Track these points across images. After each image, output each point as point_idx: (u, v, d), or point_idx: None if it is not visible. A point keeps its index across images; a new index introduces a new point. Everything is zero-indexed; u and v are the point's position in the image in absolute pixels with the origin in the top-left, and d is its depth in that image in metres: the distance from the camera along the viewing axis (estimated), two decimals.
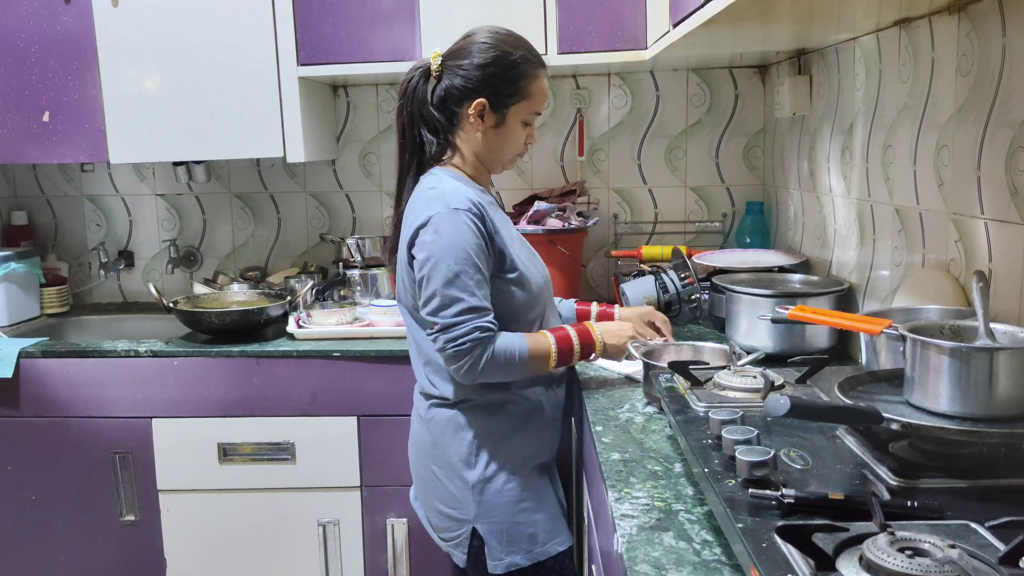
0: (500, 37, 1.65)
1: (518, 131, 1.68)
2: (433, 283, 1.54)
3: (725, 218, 2.80)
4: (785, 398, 1.03)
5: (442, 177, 1.64)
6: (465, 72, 1.62)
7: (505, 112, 1.65)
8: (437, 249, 1.54)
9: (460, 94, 1.63)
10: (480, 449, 1.66)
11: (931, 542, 0.83)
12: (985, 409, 1.07)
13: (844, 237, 2.03)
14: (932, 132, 1.57)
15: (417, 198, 1.64)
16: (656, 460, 1.38)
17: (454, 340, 1.53)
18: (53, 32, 2.48)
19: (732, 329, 1.99)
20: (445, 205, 1.56)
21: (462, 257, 1.54)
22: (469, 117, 1.64)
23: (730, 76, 2.74)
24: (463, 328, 1.53)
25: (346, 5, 2.40)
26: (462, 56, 1.63)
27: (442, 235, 1.54)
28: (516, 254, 1.66)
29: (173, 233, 2.99)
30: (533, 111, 1.68)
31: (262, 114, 2.46)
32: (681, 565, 1.02)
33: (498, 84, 1.62)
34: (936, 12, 1.54)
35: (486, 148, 1.67)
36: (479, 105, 1.63)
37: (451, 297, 1.53)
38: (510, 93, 1.63)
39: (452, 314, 1.53)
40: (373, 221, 2.93)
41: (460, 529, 1.68)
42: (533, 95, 1.66)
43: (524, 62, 1.64)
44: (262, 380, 2.31)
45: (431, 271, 1.55)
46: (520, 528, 1.65)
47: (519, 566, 1.65)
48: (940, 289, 1.51)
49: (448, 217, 1.55)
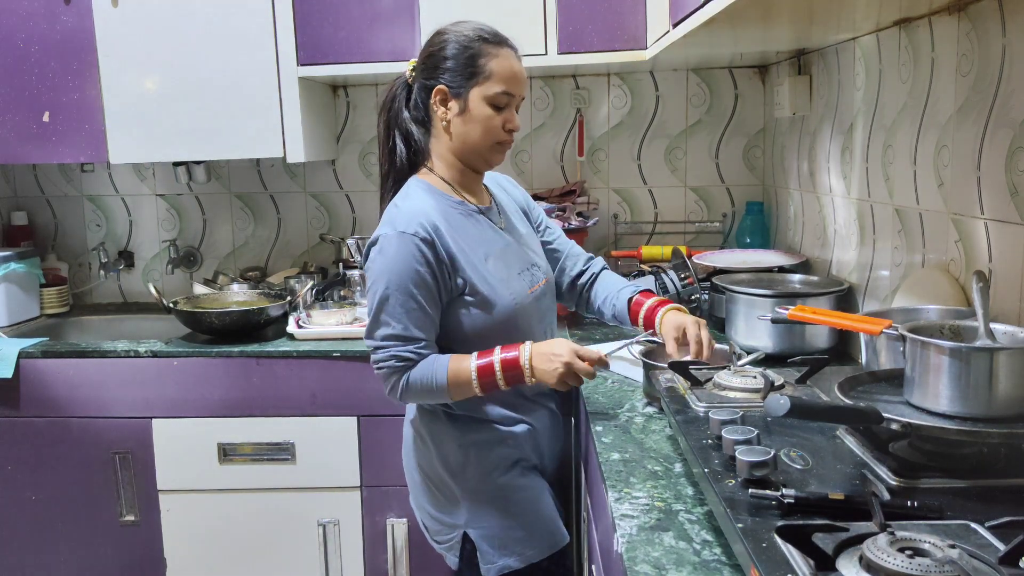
0: (458, 26, 1.61)
1: (486, 114, 1.59)
2: (368, 303, 1.58)
3: (725, 218, 2.80)
4: (785, 398, 1.03)
5: (411, 191, 1.62)
6: (425, 65, 1.62)
7: (466, 95, 1.58)
8: (376, 271, 1.55)
9: (425, 89, 1.62)
10: (467, 456, 1.65)
11: (931, 542, 0.83)
12: (985, 409, 1.07)
13: (844, 237, 2.03)
14: (932, 132, 1.57)
15: (385, 214, 1.63)
16: (656, 460, 1.38)
17: (376, 363, 1.58)
18: (53, 32, 2.48)
19: (732, 329, 1.99)
20: (394, 228, 1.54)
21: (396, 283, 1.53)
22: (435, 110, 1.62)
23: (730, 76, 2.74)
24: (383, 353, 1.56)
25: (346, 5, 2.40)
26: (425, 52, 1.63)
27: (383, 257, 1.55)
28: (483, 275, 1.59)
29: (173, 233, 2.99)
30: (499, 91, 1.58)
31: (262, 114, 2.46)
32: (681, 565, 1.02)
33: (454, 68, 1.58)
34: (936, 12, 1.54)
35: (457, 140, 1.62)
36: (439, 92, 1.59)
37: (379, 321, 1.55)
38: (468, 75, 1.58)
39: (378, 337, 1.56)
40: (373, 221, 2.90)
41: (452, 533, 1.68)
42: (494, 74, 1.58)
43: (478, 41, 1.58)
44: (262, 380, 2.31)
45: (369, 291, 1.58)
46: (511, 532, 1.64)
47: (512, 568, 1.64)
48: (940, 289, 1.51)
49: (393, 241, 1.54)
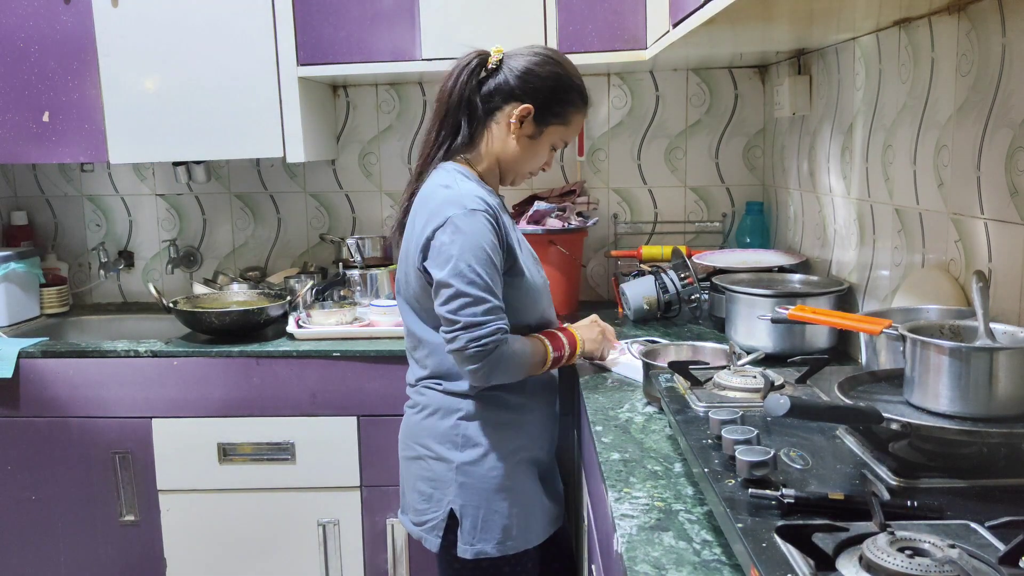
0: (568, 61, 1.71)
1: (544, 151, 1.72)
2: (456, 283, 1.54)
3: (725, 218, 2.80)
4: (785, 398, 1.04)
5: (455, 176, 1.64)
6: (523, 74, 1.64)
7: (544, 128, 1.68)
8: (457, 249, 1.54)
9: (510, 93, 1.65)
10: (469, 432, 1.66)
11: (931, 542, 0.83)
12: (985, 409, 1.07)
13: (844, 237, 2.03)
14: (932, 132, 1.57)
15: (431, 195, 1.63)
16: (656, 460, 1.38)
17: (478, 340, 1.53)
18: (53, 32, 2.48)
19: (732, 329, 1.99)
20: (463, 207, 1.56)
21: (483, 258, 1.54)
22: (509, 118, 1.65)
23: (730, 76, 2.74)
24: (488, 328, 1.53)
25: (346, 5, 2.40)
26: (528, 61, 1.65)
27: (463, 235, 1.55)
28: (524, 258, 1.68)
29: (173, 233, 2.99)
30: (564, 139, 1.73)
31: (262, 114, 2.46)
32: (681, 565, 1.02)
33: (549, 99, 1.65)
34: (936, 12, 1.54)
35: (512, 155, 1.68)
36: (525, 110, 1.64)
37: (475, 297, 1.53)
38: (556, 112, 1.67)
39: (478, 313, 1.53)
40: (373, 221, 2.93)
41: (437, 511, 1.68)
42: (572, 124, 1.71)
43: (578, 92, 1.69)
44: (262, 380, 2.31)
45: (452, 270, 1.54)
46: (496, 517, 1.65)
47: (487, 555, 1.65)
48: (940, 289, 1.51)
49: (467, 218, 1.56)
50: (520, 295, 1.65)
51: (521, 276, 1.65)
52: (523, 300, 1.67)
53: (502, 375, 1.58)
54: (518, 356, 1.59)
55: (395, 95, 2.84)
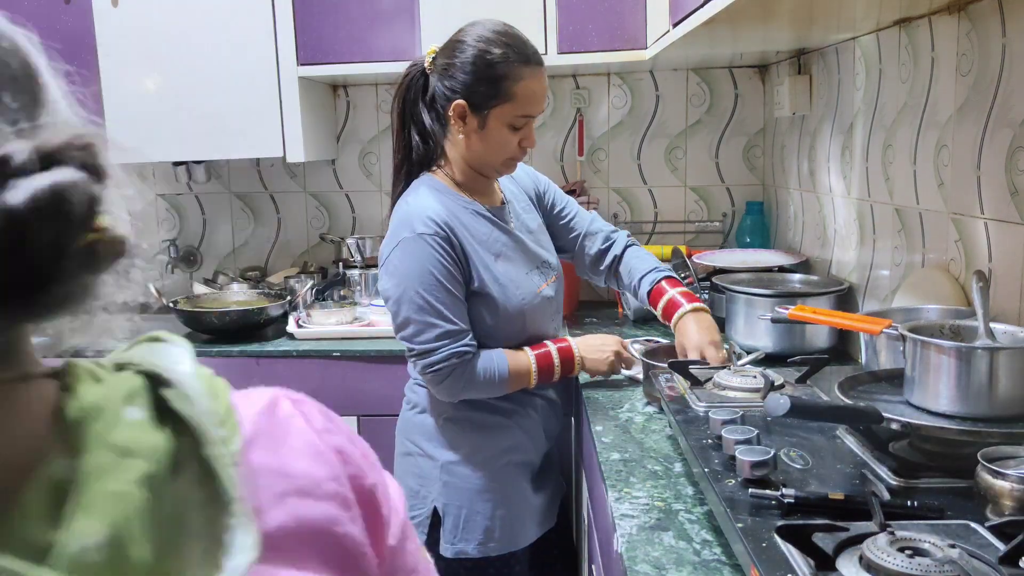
0: (486, 35, 1.56)
1: (503, 135, 1.57)
2: (405, 310, 1.54)
3: (725, 218, 2.80)
4: (785, 398, 1.04)
5: (419, 189, 1.61)
6: (448, 72, 1.56)
7: (486, 114, 1.56)
8: (404, 276, 1.53)
9: (444, 96, 1.58)
10: (456, 432, 1.66)
11: (931, 542, 0.83)
12: (985, 409, 1.07)
13: (844, 237, 2.03)
14: (932, 132, 1.57)
15: (396, 211, 1.62)
16: (656, 460, 1.38)
17: (432, 366, 1.55)
18: (53, 32, 2.48)
19: (732, 329, 1.99)
20: (412, 229, 1.53)
21: (430, 283, 1.52)
22: (451, 119, 1.58)
23: (730, 76, 2.74)
24: (441, 354, 1.54)
25: (346, 5, 2.40)
26: (449, 54, 1.58)
27: (409, 260, 1.53)
28: (494, 275, 1.60)
29: (173, 233, 2.99)
30: (519, 114, 1.56)
31: (262, 114, 2.46)
32: (681, 565, 1.02)
33: (477, 85, 1.54)
34: (936, 12, 1.54)
35: (471, 152, 1.60)
36: (458, 107, 1.56)
37: (425, 323, 1.53)
38: (491, 95, 1.54)
39: (428, 339, 1.54)
40: (373, 221, 2.93)
41: (422, 508, 1.68)
42: (518, 97, 1.54)
43: (505, 61, 1.53)
44: (262, 380, 2.27)
45: (401, 297, 1.54)
46: (477, 518, 1.65)
47: (467, 555, 1.64)
48: (940, 289, 1.51)
49: (413, 243, 1.53)
50: (490, 313, 1.61)
51: (484, 296, 1.59)
52: (496, 318, 1.61)
53: (473, 392, 1.59)
54: (488, 373, 1.58)
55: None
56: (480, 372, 1.57)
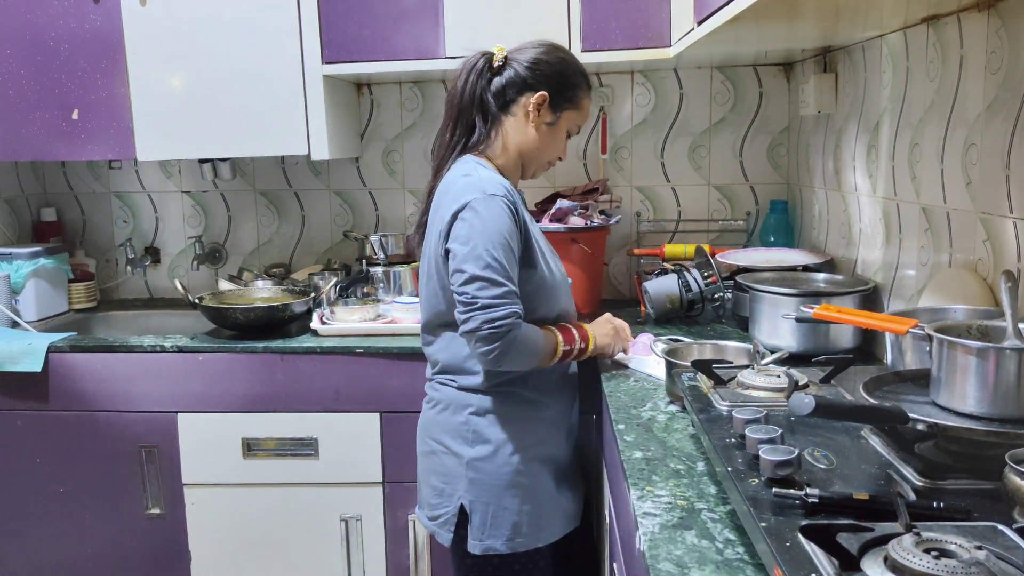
0: (566, 50, 1.77)
1: (561, 137, 1.75)
2: (472, 266, 1.55)
3: (749, 216, 2.79)
4: (810, 397, 1.03)
5: (475, 165, 1.67)
6: (533, 64, 1.69)
7: (560, 114, 1.72)
8: (476, 233, 1.56)
9: (523, 84, 1.69)
10: (480, 428, 1.67)
11: (957, 543, 0.82)
12: (1013, 410, 1.06)
13: (869, 236, 2.01)
14: (960, 130, 1.55)
15: (451, 184, 1.65)
16: (679, 459, 1.38)
17: (492, 321, 1.54)
18: (82, 31, 2.51)
19: (755, 328, 1.98)
20: (482, 191, 1.58)
21: (499, 242, 1.56)
22: (527, 107, 1.69)
23: (754, 74, 2.72)
24: (503, 310, 1.54)
25: (371, 3, 2.41)
26: (531, 52, 1.70)
27: (480, 220, 1.56)
28: (543, 250, 1.70)
29: (199, 230, 3.02)
30: (579, 123, 1.77)
31: (287, 112, 2.48)
32: (704, 564, 1.02)
33: (561, 85, 1.70)
34: (965, 9, 1.52)
35: (532, 144, 1.72)
36: (541, 97, 1.68)
37: (491, 280, 1.55)
38: (569, 98, 1.72)
39: (495, 295, 1.54)
40: (396, 218, 2.94)
41: (448, 506, 1.69)
42: (583, 109, 1.76)
43: (583, 76, 1.75)
44: (286, 376, 2.33)
45: (470, 254, 1.56)
46: (505, 514, 1.65)
47: (496, 551, 1.65)
48: (967, 289, 1.49)
49: (486, 202, 1.58)
50: (532, 288, 1.66)
51: (533, 268, 1.66)
52: (536, 293, 1.67)
53: (512, 360, 1.59)
54: (530, 343, 1.60)
55: (419, 93, 2.86)
56: (528, 338, 1.60)
